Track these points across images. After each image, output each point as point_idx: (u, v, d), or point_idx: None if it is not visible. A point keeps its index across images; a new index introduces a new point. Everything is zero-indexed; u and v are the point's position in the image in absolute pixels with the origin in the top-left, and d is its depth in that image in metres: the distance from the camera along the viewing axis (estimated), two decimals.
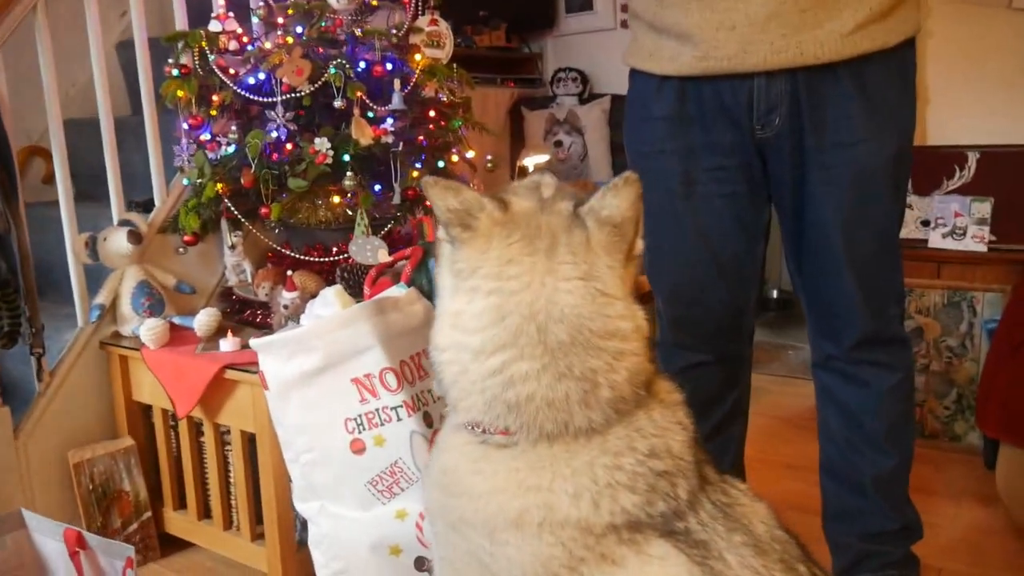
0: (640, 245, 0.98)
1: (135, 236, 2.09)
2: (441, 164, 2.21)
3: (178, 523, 2.14)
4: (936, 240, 2.75)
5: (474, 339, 0.92)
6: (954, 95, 3.03)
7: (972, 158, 2.84)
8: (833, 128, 1.46)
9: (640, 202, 0.95)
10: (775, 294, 4.40)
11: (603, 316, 0.91)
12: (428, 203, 1.24)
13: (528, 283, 0.91)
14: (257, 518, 1.97)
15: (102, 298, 2.12)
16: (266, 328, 2.07)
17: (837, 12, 1.39)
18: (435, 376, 1.00)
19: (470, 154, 2.31)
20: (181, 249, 2.18)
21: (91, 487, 2.05)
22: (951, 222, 2.74)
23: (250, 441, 1.93)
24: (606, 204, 0.94)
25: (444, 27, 2.30)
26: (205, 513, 2.10)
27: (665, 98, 1.55)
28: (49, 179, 2.86)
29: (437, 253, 1.02)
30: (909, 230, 2.82)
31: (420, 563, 1.59)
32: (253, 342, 1.63)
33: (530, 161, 3.30)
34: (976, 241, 2.69)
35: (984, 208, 2.71)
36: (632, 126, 1.66)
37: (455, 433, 1.00)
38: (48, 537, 1.44)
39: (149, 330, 1.99)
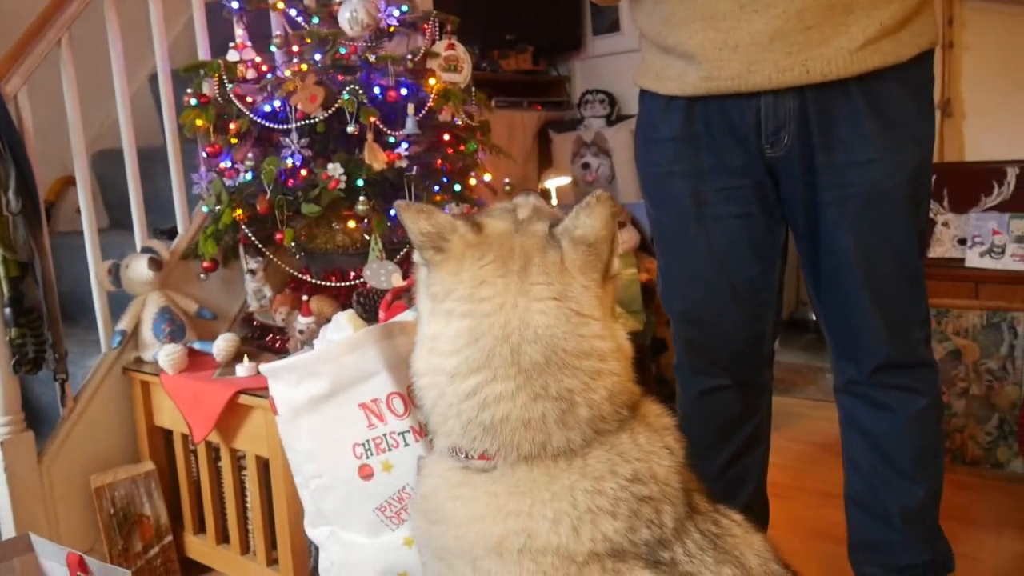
0: (617, 265, 0.96)
1: (155, 263, 2.12)
2: (458, 188, 2.21)
3: (198, 547, 2.15)
4: (974, 259, 2.66)
5: (450, 361, 0.92)
6: (991, 109, 2.95)
7: (1011, 173, 2.75)
8: (845, 146, 1.41)
9: (614, 221, 0.93)
10: (813, 316, 4.30)
11: (577, 336, 0.90)
12: None
13: (501, 304, 0.90)
14: (272, 543, 1.97)
15: (124, 324, 2.15)
16: (284, 353, 2.08)
17: (845, 28, 1.35)
18: (417, 402, 1.00)
19: (488, 177, 2.30)
20: (202, 275, 2.20)
21: (112, 511, 2.07)
22: (989, 240, 2.65)
23: (264, 466, 1.93)
24: (579, 224, 0.92)
25: (461, 51, 2.31)
26: (224, 537, 2.10)
27: (672, 118, 1.53)
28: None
29: (414, 278, 1.02)
30: (945, 248, 2.74)
31: None
32: (263, 368, 1.64)
33: (552, 184, 3.28)
34: (1016, 260, 2.59)
35: None
36: (642, 147, 1.64)
37: (439, 459, 0.99)
38: (53, 561, 1.46)
39: (167, 356, 2.01)
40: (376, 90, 2.02)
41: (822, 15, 1.34)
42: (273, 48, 2.24)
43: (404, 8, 2.28)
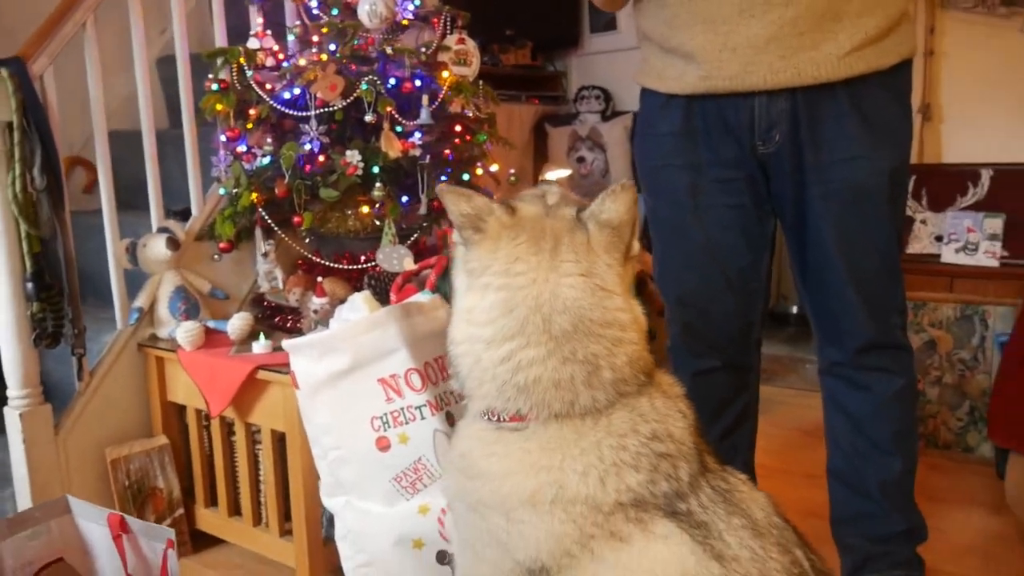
0: (636, 246, 1.07)
1: (173, 243, 2.18)
2: (466, 177, 2.30)
3: (209, 520, 2.23)
4: (949, 255, 2.80)
5: (486, 330, 1.01)
6: (968, 114, 3.09)
7: (985, 176, 2.90)
8: (831, 145, 1.53)
9: (635, 207, 1.04)
10: (795, 310, 4.44)
11: (602, 308, 1.01)
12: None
13: (534, 279, 1.00)
14: (285, 515, 2.05)
15: (141, 301, 2.22)
16: (296, 332, 2.16)
17: (833, 35, 1.46)
18: (452, 369, 1.09)
19: (494, 168, 2.39)
20: (216, 256, 2.27)
21: (127, 483, 2.14)
22: (964, 237, 2.79)
23: (279, 440, 2.01)
24: (605, 208, 1.03)
25: (471, 46, 2.39)
26: (235, 510, 2.18)
27: (672, 115, 1.64)
28: (90, 188, 2.99)
29: (451, 256, 1.11)
30: (923, 245, 2.88)
31: (441, 556, 1.65)
32: (285, 343, 1.71)
33: (552, 175, 3.38)
34: (988, 256, 2.73)
35: (996, 224, 2.76)
36: (641, 141, 1.76)
37: (473, 422, 1.08)
38: (92, 522, 1.52)
39: (186, 332, 2.08)
40: (392, 81, 2.10)
41: (813, 22, 1.45)
42: (291, 37, 2.31)
43: (417, 2, 2.36)
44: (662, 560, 0.93)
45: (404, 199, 2.17)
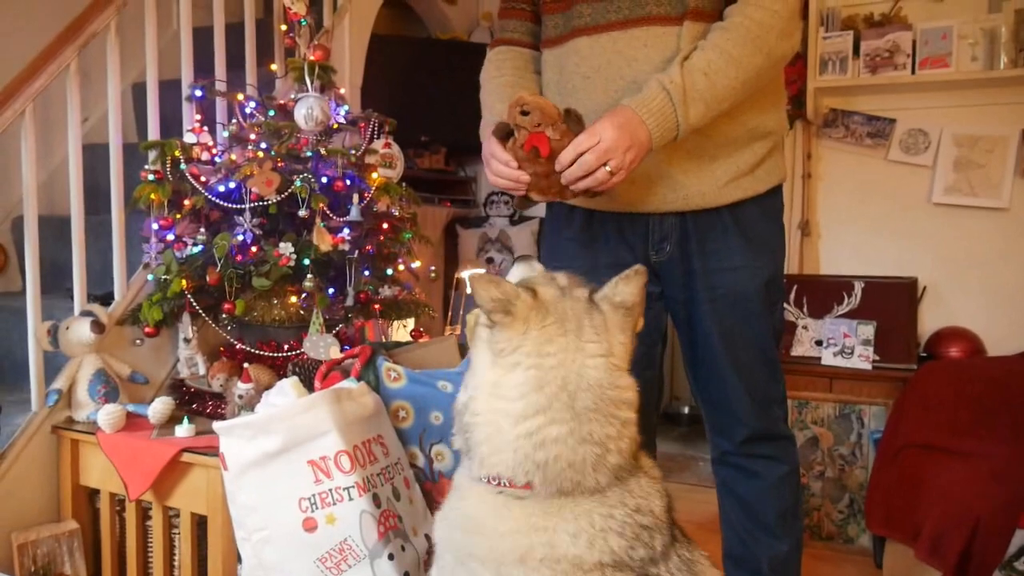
0: (641, 323, 1.20)
1: (98, 326, 2.21)
2: (389, 272, 2.42)
3: None
4: (828, 358, 3.06)
5: (515, 405, 1.11)
6: (842, 231, 3.43)
7: (858, 287, 3.21)
8: (716, 256, 1.73)
9: (645, 289, 1.17)
10: (687, 410, 4.67)
11: (617, 387, 1.13)
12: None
13: (563, 360, 1.11)
14: None
15: (60, 383, 2.21)
16: (219, 417, 2.19)
17: (711, 171, 1.68)
18: (462, 435, 1.17)
19: (416, 264, 2.53)
20: (139, 340, 2.30)
21: (33, 569, 2.09)
22: (841, 342, 3.07)
23: (198, 524, 2.02)
24: (619, 291, 1.16)
25: (396, 150, 2.56)
26: None
27: (575, 223, 1.82)
28: (0, 272, 2.96)
29: (473, 336, 1.20)
30: (805, 348, 3.14)
31: None
32: (217, 425, 1.75)
33: (467, 274, 3.54)
34: (862, 360, 3.01)
35: (868, 330, 3.05)
36: (548, 243, 1.94)
37: (475, 484, 1.16)
38: None
39: (107, 415, 2.09)
40: (324, 179, 2.23)
41: (695, 163, 1.67)
42: (225, 133, 2.42)
43: (347, 108, 2.53)
44: None
45: (331, 291, 2.27)
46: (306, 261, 2.15)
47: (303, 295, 2.21)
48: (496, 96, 1.78)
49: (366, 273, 2.38)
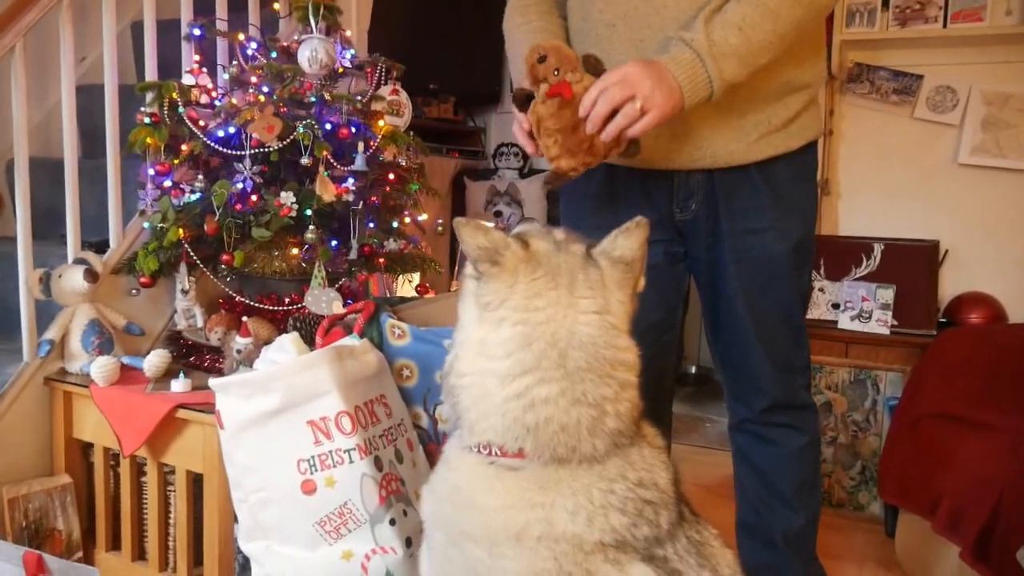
0: (643, 283, 1.10)
1: (91, 275, 2.13)
2: (395, 224, 2.33)
3: (110, 564, 2.13)
4: (845, 322, 2.98)
5: (502, 364, 1.02)
6: (863, 191, 3.32)
7: (877, 249, 3.11)
8: (744, 216, 1.64)
9: (647, 244, 1.08)
10: (694, 370, 4.61)
11: (613, 347, 1.03)
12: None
13: (552, 314, 1.02)
14: (195, 560, 1.99)
15: (52, 334, 2.14)
16: (216, 372, 2.12)
17: (740, 127, 1.59)
18: (450, 400, 1.09)
19: (422, 217, 2.43)
20: (134, 291, 2.22)
21: (24, 524, 2.04)
22: (859, 306, 2.98)
23: (194, 482, 1.96)
24: (618, 245, 1.07)
25: (404, 97, 2.45)
26: (140, 555, 2.10)
27: (597, 179, 1.73)
28: None
29: (460, 288, 1.12)
30: (821, 312, 3.05)
31: None
32: (212, 382, 1.68)
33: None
34: (880, 324, 2.92)
35: (887, 294, 2.96)
36: (567, 201, 1.84)
37: (464, 454, 1.07)
38: (4, 562, 1.45)
39: (101, 367, 2.02)
40: (328, 126, 2.13)
41: (723, 118, 1.57)
42: (226, 76, 2.31)
43: (353, 52, 2.41)
44: None
45: (334, 243, 2.18)
46: (308, 212, 2.06)
47: (305, 247, 2.12)
48: (526, 44, 1.68)
49: (371, 225, 2.29)
